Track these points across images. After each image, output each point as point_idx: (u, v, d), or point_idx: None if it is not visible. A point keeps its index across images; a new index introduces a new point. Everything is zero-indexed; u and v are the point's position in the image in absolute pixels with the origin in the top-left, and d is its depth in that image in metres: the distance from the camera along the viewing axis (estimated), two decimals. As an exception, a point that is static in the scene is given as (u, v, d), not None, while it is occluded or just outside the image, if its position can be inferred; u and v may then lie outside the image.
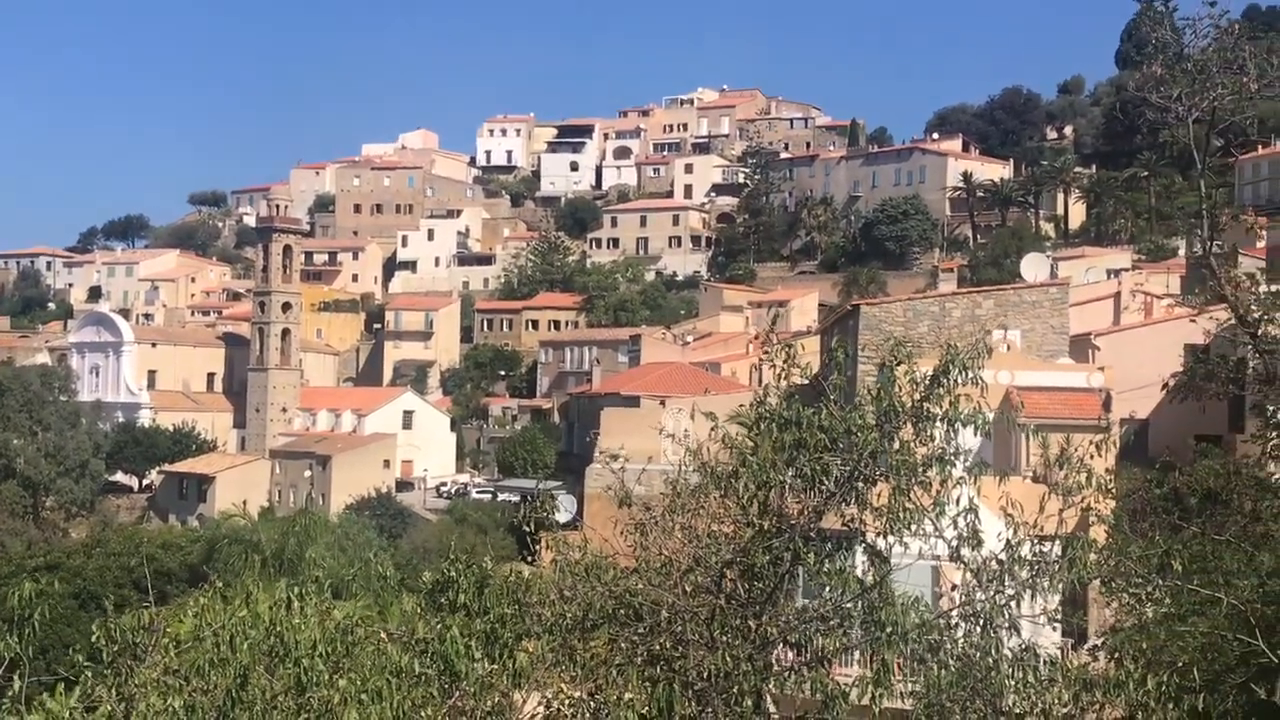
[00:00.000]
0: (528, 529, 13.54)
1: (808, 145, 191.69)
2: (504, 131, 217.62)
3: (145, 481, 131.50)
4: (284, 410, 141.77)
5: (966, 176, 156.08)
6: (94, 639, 10.37)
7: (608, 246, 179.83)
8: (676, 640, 11.66)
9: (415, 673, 10.36)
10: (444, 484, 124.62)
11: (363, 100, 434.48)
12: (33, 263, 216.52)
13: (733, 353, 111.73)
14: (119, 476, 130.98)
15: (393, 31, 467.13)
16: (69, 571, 57.17)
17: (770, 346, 13.37)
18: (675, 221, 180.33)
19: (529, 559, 14.76)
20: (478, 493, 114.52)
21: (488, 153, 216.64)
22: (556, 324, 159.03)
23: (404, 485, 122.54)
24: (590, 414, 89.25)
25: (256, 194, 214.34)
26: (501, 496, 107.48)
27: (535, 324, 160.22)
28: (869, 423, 12.69)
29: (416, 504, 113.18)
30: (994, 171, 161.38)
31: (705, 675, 11.17)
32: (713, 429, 13.41)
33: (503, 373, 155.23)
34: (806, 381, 13.18)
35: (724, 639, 11.42)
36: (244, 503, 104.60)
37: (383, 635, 11.44)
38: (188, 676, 10.62)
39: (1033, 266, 58.19)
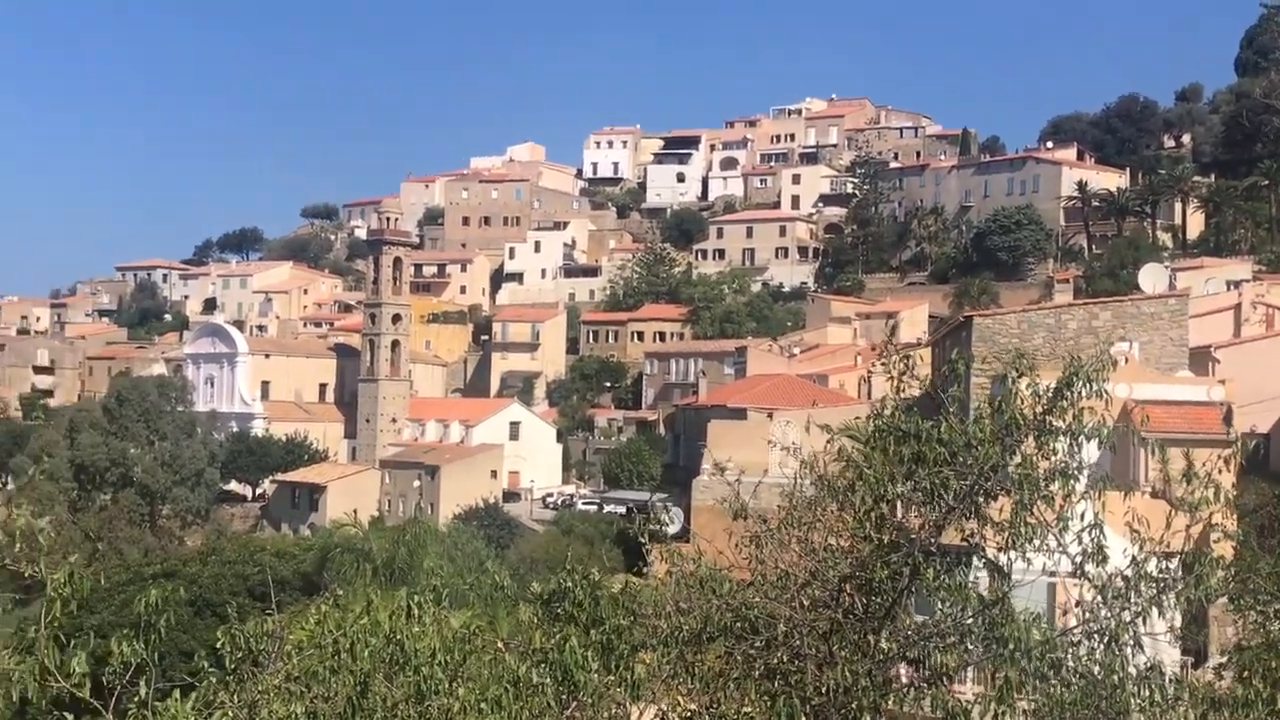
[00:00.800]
0: (641, 540, 13.47)
1: (918, 155, 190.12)
2: (610, 143, 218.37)
3: (258, 491, 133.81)
4: (393, 421, 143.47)
5: (1081, 186, 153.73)
6: (218, 645, 10.51)
7: (714, 258, 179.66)
8: (794, 654, 11.54)
9: (533, 683, 10.36)
10: (550, 495, 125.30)
11: (471, 114, 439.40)
12: (150, 275, 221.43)
13: (840, 365, 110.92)
14: (233, 486, 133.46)
15: (501, 45, 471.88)
16: (185, 579, 58.17)
17: (887, 357, 13.19)
18: (782, 232, 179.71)
19: (639, 571, 14.70)
20: (584, 504, 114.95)
21: (594, 165, 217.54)
22: (662, 335, 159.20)
23: (510, 496, 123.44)
24: (696, 426, 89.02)
25: (367, 207, 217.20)
26: (607, 508, 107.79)
27: (641, 335, 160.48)
28: (989, 436, 12.48)
29: (523, 515, 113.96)
30: (1110, 181, 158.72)
31: (823, 691, 11.04)
32: (828, 442, 13.26)
33: (608, 384, 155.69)
34: (922, 393, 12.98)
35: (842, 654, 11.27)
36: (354, 512, 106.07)
37: (499, 644, 11.44)
38: (309, 683, 10.72)
39: (1151, 277, 57.07)
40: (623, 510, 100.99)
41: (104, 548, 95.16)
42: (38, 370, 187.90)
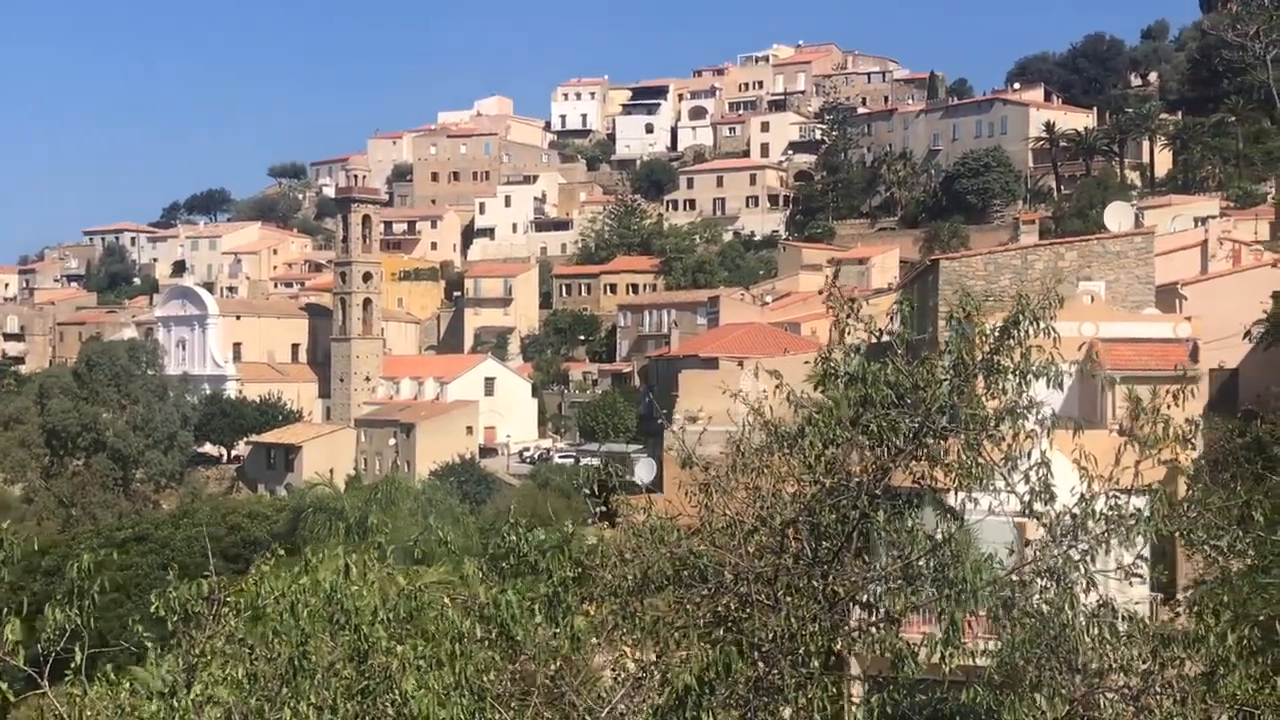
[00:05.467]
0: (589, 492, 13.38)
1: (886, 99, 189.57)
2: (578, 95, 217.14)
3: (233, 452, 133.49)
4: (367, 379, 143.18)
5: (1049, 126, 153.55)
6: (152, 609, 10.38)
7: (684, 208, 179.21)
8: (742, 601, 11.47)
9: (477, 638, 10.25)
10: (526, 449, 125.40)
11: (438, 68, 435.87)
12: (118, 238, 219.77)
13: (812, 312, 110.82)
14: (207, 448, 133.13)
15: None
16: (157, 542, 58.13)
17: (834, 301, 13.07)
18: (752, 181, 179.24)
19: (612, 523, 14.59)
20: (560, 458, 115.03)
21: (562, 117, 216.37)
22: (635, 287, 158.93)
23: (487, 451, 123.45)
24: (669, 377, 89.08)
25: (335, 165, 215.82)
26: (584, 461, 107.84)
27: (613, 288, 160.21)
28: (935, 377, 12.39)
29: (500, 470, 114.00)
30: (1078, 121, 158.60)
31: (771, 636, 10.98)
32: (776, 387, 13.15)
33: (582, 337, 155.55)
34: (876, 338, 12.85)
35: (789, 599, 11.19)
36: (330, 471, 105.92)
37: (446, 601, 11.32)
38: (252, 645, 10.61)
39: (1116, 216, 57.02)
40: (598, 463, 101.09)
41: (77, 513, 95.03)
42: (7, 337, 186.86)
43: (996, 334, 12.52)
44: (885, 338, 12.76)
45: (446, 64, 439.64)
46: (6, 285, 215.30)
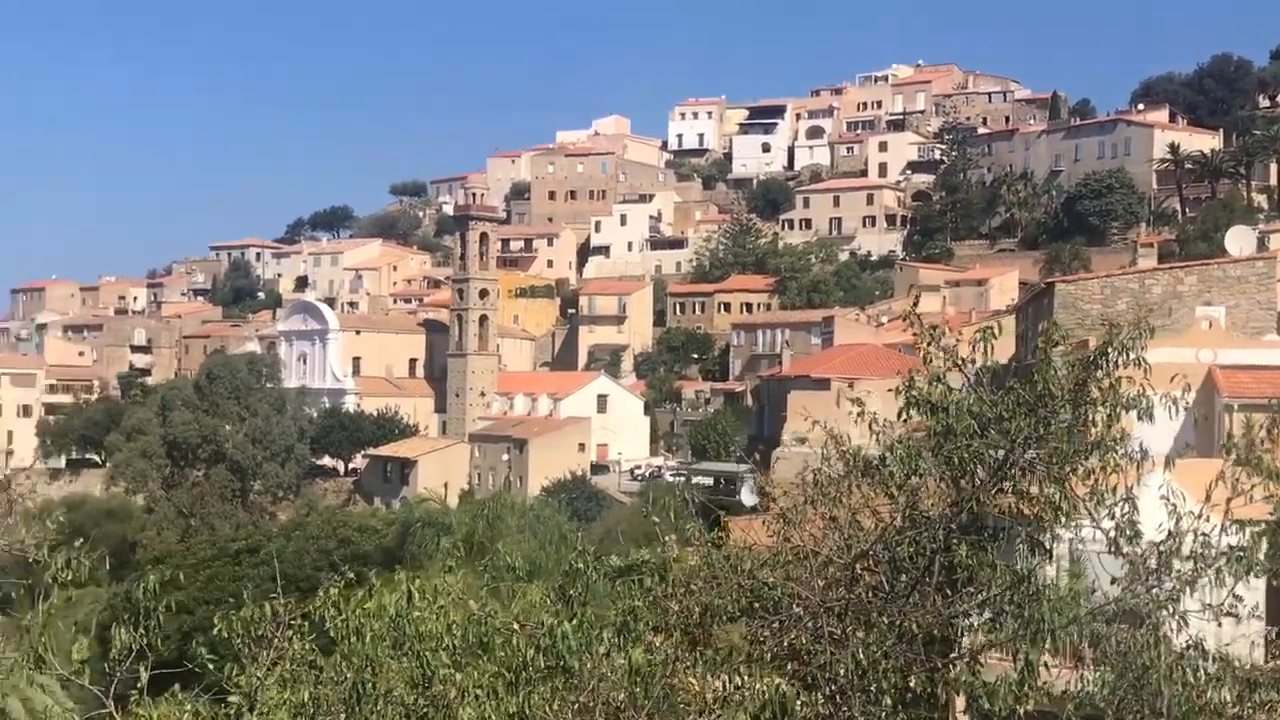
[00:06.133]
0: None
1: (1006, 120, 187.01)
2: (695, 115, 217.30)
3: (351, 465, 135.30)
4: (482, 395, 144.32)
5: (1174, 148, 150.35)
6: (216, 631, 10.41)
7: (800, 227, 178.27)
8: (814, 636, 11.23)
9: (540, 668, 10.14)
10: (638, 467, 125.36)
11: (557, 88, 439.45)
12: (243, 254, 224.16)
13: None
14: (326, 460, 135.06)
15: (585, 18, 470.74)
16: (268, 555, 58.98)
17: (915, 327, 12.80)
18: (869, 201, 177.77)
19: (718, 544, 14.38)
20: (671, 476, 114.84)
21: (679, 136, 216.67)
22: (749, 306, 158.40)
23: (599, 468, 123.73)
24: (780, 397, 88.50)
25: (455, 183, 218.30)
26: (695, 480, 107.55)
27: (727, 307, 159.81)
28: (1019, 408, 12.06)
29: (611, 487, 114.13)
30: (1203, 142, 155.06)
31: (843, 672, 10.73)
32: (858, 415, 12.88)
33: (695, 356, 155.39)
34: (950, 367, 12.50)
35: (858, 634, 10.93)
36: (445, 486, 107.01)
37: (515, 628, 11.22)
38: (321, 668, 10.60)
39: (1237, 240, 55.56)
40: (709, 482, 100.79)
41: (196, 523, 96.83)
42: (135, 349, 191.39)
43: (1084, 364, 12.16)
44: (969, 366, 12.46)
45: (566, 84, 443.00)
46: (135, 299, 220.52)
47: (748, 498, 50.01)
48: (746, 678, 10.15)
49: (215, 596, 49.56)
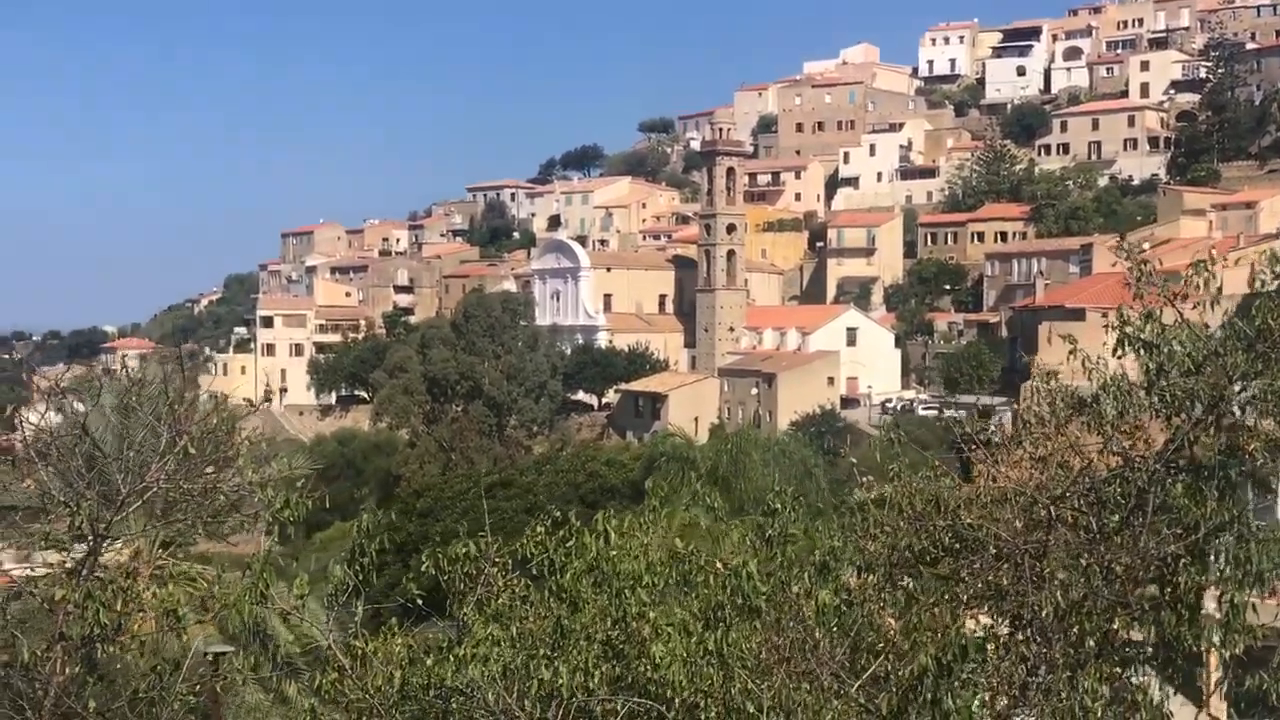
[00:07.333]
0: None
1: (1277, 34, 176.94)
2: (946, 40, 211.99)
3: (604, 400, 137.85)
4: (731, 330, 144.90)
5: None
6: (424, 568, 10.88)
7: (1057, 153, 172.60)
8: (1017, 576, 11.10)
9: (735, 606, 10.32)
10: (889, 400, 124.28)
11: (803, 16, 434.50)
12: (498, 195, 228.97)
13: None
14: (580, 396, 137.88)
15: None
16: (520, 488, 60.76)
17: (1129, 261, 12.40)
18: (1130, 123, 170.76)
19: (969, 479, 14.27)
20: (923, 409, 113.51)
21: (930, 63, 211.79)
22: (1003, 235, 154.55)
23: (849, 402, 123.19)
24: (1032, 328, 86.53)
25: (702, 118, 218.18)
26: (948, 413, 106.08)
27: (981, 236, 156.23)
28: (1242, 343, 11.61)
29: (862, 421, 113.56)
30: None
31: (1042, 613, 10.58)
32: (1071, 352, 12.55)
33: (947, 287, 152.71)
34: (1167, 302, 12.07)
35: (1059, 575, 10.75)
36: (695, 420, 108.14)
37: (718, 566, 11.40)
38: (531, 604, 11.00)
39: None
40: (963, 415, 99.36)
41: (456, 457, 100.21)
42: (398, 289, 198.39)
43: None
44: (1183, 302, 12.03)
45: (813, 14, 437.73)
46: (398, 240, 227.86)
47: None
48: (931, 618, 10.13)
49: (472, 529, 51.36)
